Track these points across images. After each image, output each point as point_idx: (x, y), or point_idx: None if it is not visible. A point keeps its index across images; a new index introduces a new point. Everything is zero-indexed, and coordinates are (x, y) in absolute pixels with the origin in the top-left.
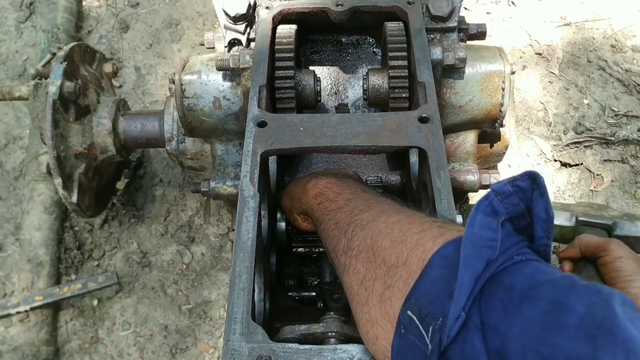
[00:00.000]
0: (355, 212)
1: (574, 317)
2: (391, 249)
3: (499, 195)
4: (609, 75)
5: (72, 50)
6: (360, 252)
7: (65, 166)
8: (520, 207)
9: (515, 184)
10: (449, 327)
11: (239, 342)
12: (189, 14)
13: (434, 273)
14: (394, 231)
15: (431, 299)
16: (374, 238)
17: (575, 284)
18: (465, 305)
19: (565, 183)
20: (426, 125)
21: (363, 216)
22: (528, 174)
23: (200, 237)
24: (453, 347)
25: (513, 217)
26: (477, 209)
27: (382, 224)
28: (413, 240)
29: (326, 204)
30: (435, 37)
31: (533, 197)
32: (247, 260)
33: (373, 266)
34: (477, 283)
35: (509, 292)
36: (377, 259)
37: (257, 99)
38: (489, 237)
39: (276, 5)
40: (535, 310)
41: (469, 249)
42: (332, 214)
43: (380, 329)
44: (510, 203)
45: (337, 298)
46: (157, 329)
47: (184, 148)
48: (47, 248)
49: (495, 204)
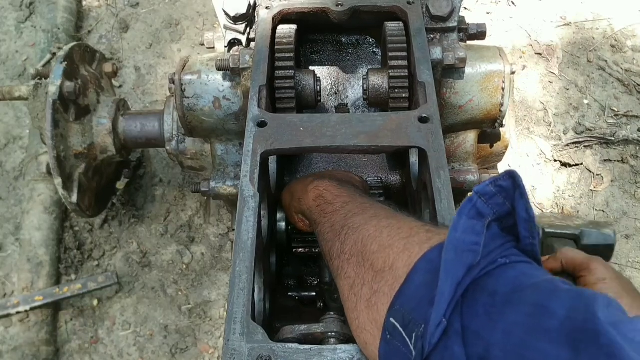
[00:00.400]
0: (349, 215)
1: (556, 320)
2: (379, 253)
3: (483, 196)
4: (609, 75)
5: (72, 50)
6: (351, 257)
7: (65, 166)
8: (507, 206)
9: (497, 184)
10: (431, 334)
11: (239, 342)
12: (189, 14)
13: (418, 279)
14: (383, 235)
15: (414, 305)
16: (364, 242)
17: (558, 288)
18: (446, 312)
19: (565, 183)
20: (426, 125)
21: (356, 219)
22: (508, 174)
23: (200, 237)
24: (434, 354)
25: (500, 216)
26: (461, 213)
27: (373, 228)
28: (400, 245)
29: (324, 206)
30: (435, 37)
31: (515, 197)
32: (247, 260)
33: (362, 271)
34: (458, 289)
35: (492, 296)
36: (366, 263)
37: (257, 99)
38: (471, 241)
39: (276, 5)
40: (518, 314)
41: (450, 254)
42: (328, 216)
43: (368, 335)
44: (495, 203)
45: (337, 298)
46: (157, 329)
47: (184, 148)
48: (47, 248)
49: (479, 206)
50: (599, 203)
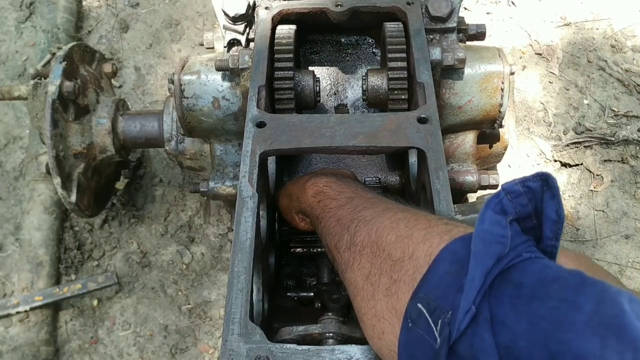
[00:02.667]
0: (358, 209)
1: (583, 314)
2: (397, 243)
3: (509, 194)
4: (609, 76)
5: (72, 50)
6: (364, 247)
7: (64, 166)
8: (528, 208)
9: (526, 184)
10: (459, 320)
11: (237, 343)
12: (189, 14)
13: (442, 268)
14: (400, 226)
15: (440, 293)
16: (379, 233)
17: (585, 281)
18: (475, 299)
19: (565, 183)
20: (425, 125)
21: (367, 212)
22: (540, 175)
23: (200, 237)
24: (462, 341)
25: (520, 217)
26: (487, 206)
27: (387, 220)
28: (420, 235)
29: (326, 202)
30: (435, 37)
31: (543, 198)
32: (245, 261)
33: (378, 261)
34: (487, 278)
35: (518, 288)
36: (382, 253)
37: (256, 99)
38: (499, 233)
39: (275, 6)
40: (544, 307)
41: (479, 245)
42: (333, 211)
43: (386, 324)
44: (518, 203)
45: (336, 298)
46: (157, 329)
47: (183, 148)
48: (47, 248)
49: (504, 203)
50: (599, 203)
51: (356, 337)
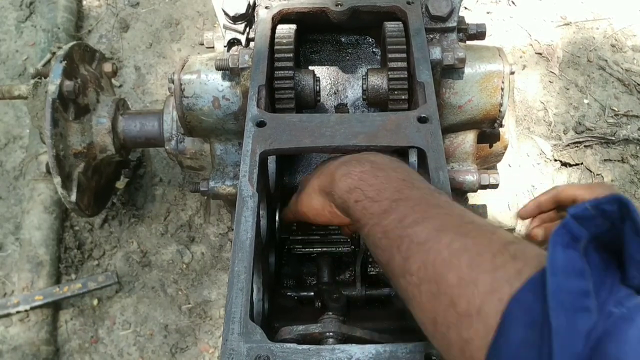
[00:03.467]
0: (406, 221)
1: None
2: (460, 289)
3: (578, 219)
4: (609, 75)
5: (72, 50)
6: (421, 282)
7: (65, 165)
8: (606, 224)
9: (599, 207)
10: None
11: (237, 342)
12: (189, 14)
13: (516, 335)
14: (462, 264)
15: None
16: (437, 269)
17: None
18: None
19: (566, 183)
20: (425, 125)
21: (417, 229)
22: (615, 199)
23: (200, 237)
24: None
25: (597, 235)
26: (555, 242)
27: (445, 250)
28: (486, 282)
29: (366, 204)
30: (435, 37)
31: (624, 231)
32: (245, 260)
33: (441, 307)
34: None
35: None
36: (443, 297)
37: (256, 98)
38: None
39: (275, 5)
40: None
41: (561, 319)
42: (376, 218)
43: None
44: (593, 224)
45: (336, 298)
46: (157, 329)
47: (183, 148)
48: (47, 248)
49: (574, 229)
50: None
51: (356, 337)
